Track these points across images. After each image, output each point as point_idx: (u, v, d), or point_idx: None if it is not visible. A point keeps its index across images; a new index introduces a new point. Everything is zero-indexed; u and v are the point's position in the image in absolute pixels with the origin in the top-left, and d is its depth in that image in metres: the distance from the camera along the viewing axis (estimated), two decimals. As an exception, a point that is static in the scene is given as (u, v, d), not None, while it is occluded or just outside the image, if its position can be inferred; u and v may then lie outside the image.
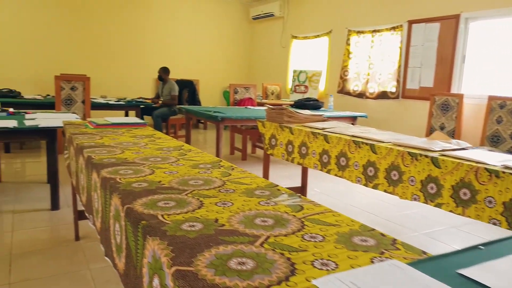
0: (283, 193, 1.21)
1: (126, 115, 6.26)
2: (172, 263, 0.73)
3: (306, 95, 6.69)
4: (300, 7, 7.33)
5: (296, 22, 7.45)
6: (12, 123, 2.78)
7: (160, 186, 1.22)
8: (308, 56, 7.26)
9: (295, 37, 7.44)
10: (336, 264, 0.75)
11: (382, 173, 2.14)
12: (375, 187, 2.19)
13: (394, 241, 0.87)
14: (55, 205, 3.04)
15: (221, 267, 0.72)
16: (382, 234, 0.91)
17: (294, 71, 7.03)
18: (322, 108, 5.15)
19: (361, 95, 6.09)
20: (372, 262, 0.76)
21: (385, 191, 2.13)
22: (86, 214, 1.64)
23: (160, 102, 5.72)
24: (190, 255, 0.76)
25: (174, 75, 7.20)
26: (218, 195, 1.16)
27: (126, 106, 5.35)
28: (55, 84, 4.63)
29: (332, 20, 6.61)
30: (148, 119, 6.16)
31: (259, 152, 5.77)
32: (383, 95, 5.74)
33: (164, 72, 5.95)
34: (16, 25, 6.54)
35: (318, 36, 6.90)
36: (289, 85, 7.53)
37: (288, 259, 0.76)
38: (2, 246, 2.38)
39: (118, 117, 2.54)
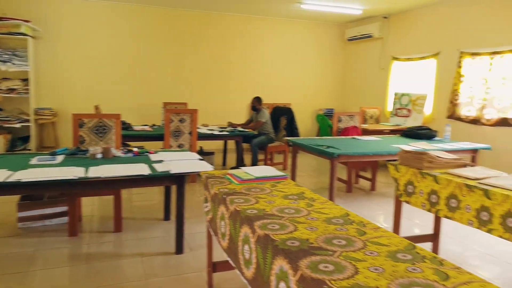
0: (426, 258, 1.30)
1: (225, 143, 6.31)
2: None
3: (409, 119, 6.26)
4: (403, 27, 6.90)
5: (398, 43, 7.01)
6: (144, 169, 2.81)
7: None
8: (411, 78, 6.79)
9: (396, 59, 7.01)
10: None
11: None
12: None
13: None
14: (179, 249, 3.03)
15: None
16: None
17: (395, 94, 6.62)
18: (436, 138, 4.70)
19: (475, 121, 5.53)
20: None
21: None
22: (229, 260, 1.93)
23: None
24: None
25: (268, 100, 7.17)
26: (366, 258, 1.29)
27: (230, 136, 5.36)
28: (165, 117, 4.78)
29: (441, 41, 6.11)
30: (245, 145, 6.15)
31: (362, 182, 5.43)
32: (503, 122, 5.15)
33: (257, 102, 5.93)
34: (120, 57, 6.94)
35: (423, 57, 6.42)
36: (389, 108, 7.11)
37: None
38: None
39: (255, 168, 2.43)
